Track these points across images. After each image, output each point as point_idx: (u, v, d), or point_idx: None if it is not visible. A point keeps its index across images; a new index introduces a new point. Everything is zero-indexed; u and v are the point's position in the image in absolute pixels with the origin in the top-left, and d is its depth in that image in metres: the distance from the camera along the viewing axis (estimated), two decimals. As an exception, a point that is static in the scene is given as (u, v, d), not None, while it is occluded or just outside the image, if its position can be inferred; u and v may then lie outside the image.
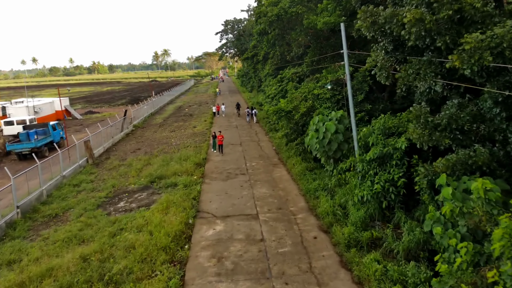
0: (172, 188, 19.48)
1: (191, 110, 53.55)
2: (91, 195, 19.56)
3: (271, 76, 40.79)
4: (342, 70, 21.49)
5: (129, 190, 20.12)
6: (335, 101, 20.54)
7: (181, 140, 31.83)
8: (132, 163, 25.04)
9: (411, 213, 14.41)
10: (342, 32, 15.33)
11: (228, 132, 34.51)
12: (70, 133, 38.41)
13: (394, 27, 10.21)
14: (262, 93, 55.86)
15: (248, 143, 29.64)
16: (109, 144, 31.27)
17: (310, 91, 22.55)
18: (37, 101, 47.01)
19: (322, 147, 17.01)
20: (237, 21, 78.17)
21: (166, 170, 22.29)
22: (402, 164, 14.21)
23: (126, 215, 16.48)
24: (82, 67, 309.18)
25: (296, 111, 21.67)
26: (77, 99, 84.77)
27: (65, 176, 21.87)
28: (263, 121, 37.51)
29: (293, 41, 27.47)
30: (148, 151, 28.80)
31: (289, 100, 23.36)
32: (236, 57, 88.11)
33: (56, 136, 30.89)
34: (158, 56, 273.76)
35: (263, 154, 25.69)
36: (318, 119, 17.50)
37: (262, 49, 44.06)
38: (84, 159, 25.34)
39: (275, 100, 31.02)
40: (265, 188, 18.69)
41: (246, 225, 14.39)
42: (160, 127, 39.93)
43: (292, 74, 30.43)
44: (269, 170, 21.83)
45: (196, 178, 20.80)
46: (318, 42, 25.87)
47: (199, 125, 39.03)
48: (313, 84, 22.79)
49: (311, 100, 21.91)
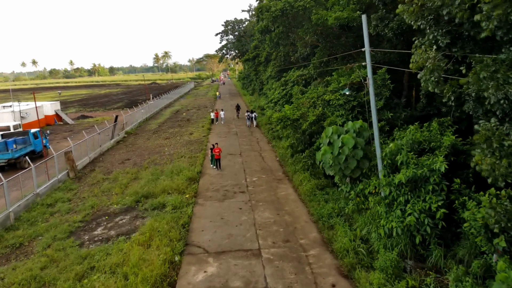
0: (159, 211, 16.63)
1: (189, 114, 50.76)
2: (65, 218, 16.73)
3: (274, 78, 38.03)
4: (357, 72, 18.69)
5: (110, 212, 17.28)
6: (349, 108, 17.72)
7: (175, 149, 29.00)
8: (118, 177, 22.21)
9: (451, 250, 11.57)
10: (364, 26, 12.52)
11: (227, 140, 31.69)
12: (58, 140, 35.71)
13: (457, 11, 7.38)
14: (264, 96, 53.10)
15: (249, 153, 26.80)
16: (96, 154, 28.47)
17: (319, 96, 19.74)
18: (25, 105, 44.28)
19: (337, 164, 14.15)
20: (238, 21, 75.47)
21: (154, 187, 19.46)
22: (441, 190, 11.40)
23: (101, 247, 13.63)
24: (83, 70, 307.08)
25: (304, 120, 18.85)
26: (72, 102, 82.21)
27: (39, 194, 19.04)
28: (265, 127, 34.68)
29: (299, 40, 24.70)
30: (138, 162, 25.98)
31: (295, 106, 20.53)
32: (236, 58, 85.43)
33: (38, 145, 28.09)
34: (159, 58, 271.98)
35: (265, 167, 22.82)
36: (332, 130, 14.64)
37: (264, 50, 41.30)
38: (65, 173, 22.53)
39: (278, 105, 28.22)
40: (269, 212, 15.81)
41: (246, 266, 11.51)
42: (154, 133, 37.13)
43: (297, 77, 27.64)
44: (273, 187, 18.96)
45: (188, 197, 17.96)
46: (328, 41, 23.07)
47: (196, 131, 36.20)
48: (323, 88, 19.97)
49: (321, 106, 19.11)
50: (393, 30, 18.21)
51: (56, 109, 47.53)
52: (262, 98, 54.33)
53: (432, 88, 9.01)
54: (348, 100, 17.75)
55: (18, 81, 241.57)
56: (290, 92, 27.13)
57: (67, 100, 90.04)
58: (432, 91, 9.16)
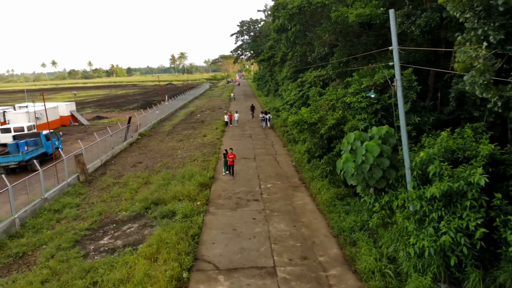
0: (168, 219, 15.75)
1: (203, 116, 50.10)
2: (72, 225, 16.06)
3: (290, 79, 36.88)
4: (380, 73, 17.42)
5: (118, 219, 16.52)
6: (372, 111, 16.46)
7: (188, 152, 28.21)
8: (128, 181, 21.52)
9: (490, 273, 10.27)
10: (392, 22, 11.32)
11: (241, 143, 30.72)
12: (71, 142, 35.50)
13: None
14: (279, 97, 52.01)
15: (263, 157, 25.74)
16: (109, 156, 27.95)
17: (339, 99, 18.53)
18: (40, 106, 44.40)
19: (360, 173, 12.95)
20: (253, 21, 74.54)
21: (165, 193, 18.63)
22: (480, 206, 10.11)
23: (106, 259, 12.82)
24: (101, 70, 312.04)
25: (322, 123, 17.67)
26: (89, 103, 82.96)
27: (47, 198, 18.47)
28: (280, 129, 33.58)
29: (317, 39, 23.51)
30: (150, 165, 25.28)
31: (312, 109, 19.36)
32: (252, 59, 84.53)
33: (51, 147, 27.74)
34: (175, 59, 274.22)
35: (280, 173, 21.72)
36: (355, 136, 13.44)
37: (279, 50, 40.18)
38: (75, 176, 21.98)
39: (294, 108, 27.08)
40: (284, 223, 14.71)
41: (259, 287, 10.45)
42: (167, 135, 36.51)
43: (314, 78, 26.44)
44: (289, 196, 17.85)
45: (200, 205, 17.04)
46: (347, 40, 21.80)
47: (209, 133, 35.37)
48: (342, 89, 18.74)
49: (340, 109, 17.89)
50: (420, 28, 16.89)
51: (71, 110, 47.61)
52: (277, 99, 53.24)
53: (480, 93, 7.75)
54: (371, 103, 16.49)
55: (38, 81, 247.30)
56: (306, 93, 25.96)
57: (85, 101, 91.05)
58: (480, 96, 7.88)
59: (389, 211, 13.05)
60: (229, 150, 21.38)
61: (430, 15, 16.56)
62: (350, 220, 13.76)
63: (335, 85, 23.87)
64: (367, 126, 16.02)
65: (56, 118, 43.70)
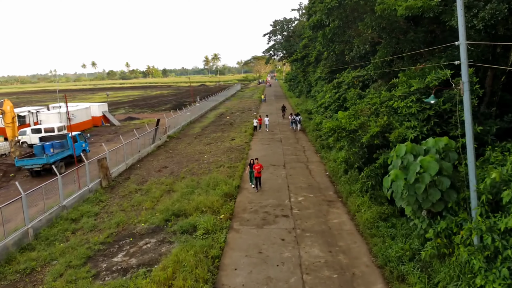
0: (188, 235, 14.26)
1: (232, 118, 48.79)
2: (87, 237, 14.96)
3: (324, 80, 34.63)
4: (433, 74, 15.05)
5: (136, 231, 15.26)
6: (423, 118, 14.12)
7: (215, 157, 26.80)
8: (151, 189, 20.36)
9: None
10: (459, 11, 9.11)
11: (270, 147, 28.92)
12: (101, 143, 35.25)
13: None
14: (311, 99, 49.77)
15: (294, 164, 23.79)
16: (135, 160, 27.10)
17: (383, 102, 16.28)
18: (74, 106, 44.96)
19: (412, 194, 10.77)
20: (287, 21, 72.49)
21: (187, 203, 17.21)
22: None
23: (117, 281, 11.47)
24: (138, 71, 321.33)
25: (364, 131, 15.52)
26: (123, 103, 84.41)
27: (65, 206, 17.59)
28: (312, 134, 31.46)
29: (357, 36, 21.27)
30: (175, 170, 24.09)
31: (351, 113, 17.21)
32: (284, 59, 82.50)
33: (77, 149, 27.25)
34: (209, 60, 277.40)
35: (313, 183, 19.70)
36: (406, 149, 11.25)
37: (314, 49, 37.97)
38: (97, 181, 21.11)
39: (329, 111, 24.92)
40: (318, 247, 12.74)
41: (288, 334, 8.61)
42: (196, 138, 35.40)
43: (352, 78, 24.15)
44: (323, 212, 15.83)
45: (223, 219, 15.42)
46: (393, 37, 19.43)
47: (238, 137, 33.86)
48: (387, 92, 16.46)
49: (385, 115, 15.66)
50: (484, 21, 14.34)
51: (103, 110, 47.90)
52: (310, 101, 50.99)
53: None
54: (423, 109, 14.16)
55: (79, 81, 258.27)
56: (343, 95, 23.75)
57: (120, 101, 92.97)
58: None
59: (447, 239, 10.79)
60: (255, 161, 19.11)
61: (497, 6, 14.00)
62: (397, 248, 11.59)
63: (377, 86, 21.53)
64: (418, 135, 13.75)
65: (88, 118, 44.01)
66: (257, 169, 18.63)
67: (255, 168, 18.66)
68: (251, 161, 19.43)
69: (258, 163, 18.83)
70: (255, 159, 19.29)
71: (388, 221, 13.70)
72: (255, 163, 18.91)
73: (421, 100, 14.50)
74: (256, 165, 18.76)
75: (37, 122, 38.74)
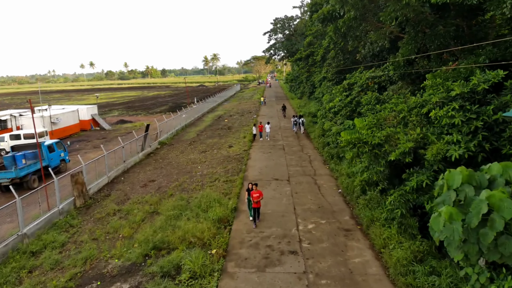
0: (170, 280, 11.21)
1: (231, 121, 45.71)
2: (45, 279, 11.91)
3: (331, 81, 31.54)
4: (479, 75, 12.01)
5: (106, 271, 12.19)
6: (468, 131, 11.06)
7: (210, 168, 23.73)
8: (132, 209, 17.30)
9: None
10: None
11: (272, 156, 25.84)
12: (86, 150, 32.18)
13: None
14: (314, 101, 46.71)
15: (300, 178, 20.71)
16: (119, 171, 24.02)
17: (412, 109, 13.22)
18: (60, 109, 41.88)
19: (474, 242, 7.72)
20: (288, 19, 69.35)
21: (172, 232, 14.15)
22: None
23: None
24: (136, 71, 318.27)
25: (390, 145, 12.45)
26: (118, 105, 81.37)
27: (26, 235, 14.51)
28: (318, 140, 28.42)
29: (374, 30, 18.18)
30: (163, 185, 21.03)
31: (372, 122, 14.13)
32: (285, 59, 79.36)
33: (54, 159, 24.23)
34: (208, 61, 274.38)
35: (324, 204, 16.62)
36: (462, 178, 8.18)
37: (320, 47, 34.81)
38: (70, 200, 18.05)
39: (340, 117, 21.82)
40: (339, 303, 9.67)
41: None
42: (190, 144, 32.31)
43: (366, 80, 21.08)
44: (340, 246, 12.74)
45: (215, 256, 12.33)
46: (418, 31, 16.40)
47: (236, 143, 30.77)
48: (418, 97, 13.37)
49: (417, 124, 12.62)
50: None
51: (92, 113, 44.76)
52: (313, 103, 47.92)
53: None
54: (468, 118, 11.10)
55: (76, 82, 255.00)
56: (356, 99, 20.68)
57: (115, 102, 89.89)
58: None
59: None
60: (254, 187, 15.05)
61: None
62: (446, 310, 8.53)
63: (396, 89, 18.47)
64: (463, 153, 10.68)
65: (75, 122, 40.90)
66: (256, 197, 14.65)
67: (253, 197, 14.68)
68: (249, 185, 15.43)
69: (257, 190, 14.90)
70: (254, 185, 15.18)
71: (425, 263, 10.64)
72: (253, 190, 14.94)
73: (465, 107, 11.46)
74: (255, 193, 14.75)
75: (19, 127, 35.65)
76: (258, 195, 14.69)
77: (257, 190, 14.88)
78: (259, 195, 14.73)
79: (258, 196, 14.68)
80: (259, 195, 14.71)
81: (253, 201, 14.62)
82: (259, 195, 14.70)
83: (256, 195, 14.64)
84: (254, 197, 14.59)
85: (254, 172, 22.12)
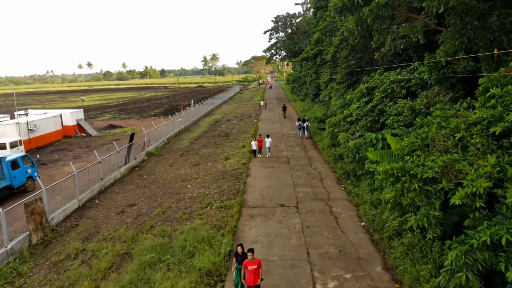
0: None
1: (229, 126, 41.97)
2: None
3: (342, 83, 27.78)
4: None
5: None
6: None
7: (201, 188, 20.00)
8: (99, 250, 13.58)
9: None
10: None
11: (275, 173, 22.08)
12: (64, 161, 28.43)
13: None
14: (320, 104, 43.02)
15: (311, 204, 16.95)
16: (94, 192, 20.26)
17: (470, 125, 9.52)
18: (42, 113, 38.13)
19: None
20: (290, 16, 65.59)
21: (144, 292, 10.43)
22: None
23: None
24: (135, 72, 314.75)
25: (449, 181, 8.73)
26: (112, 107, 77.65)
27: None
28: (328, 151, 24.74)
29: (404, 21, 14.50)
30: (144, 211, 17.31)
31: (416, 144, 10.38)
32: (287, 59, 75.63)
33: (19, 177, 20.51)
34: (208, 61, 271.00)
35: (346, 246, 12.85)
36: None
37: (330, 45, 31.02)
38: (24, 236, 14.33)
39: (358, 127, 18.07)
40: None
41: None
42: (182, 155, 28.57)
43: (391, 83, 17.35)
44: (376, 321, 9.01)
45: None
46: (464, 23, 12.71)
47: (234, 155, 27.01)
48: (481, 110, 9.66)
49: (482, 150, 8.93)
50: None
51: (77, 118, 41.00)
52: (317, 106, 44.24)
53: None
54: None
55: (74, 82, 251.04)
56: (379, 107, 16.97)
57: (109, 104, 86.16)
58: None
59: None
60: (249, 255, 9.58)
61: None
62: None
63: (431, 95, 14.76)
64: None
65: (57, 129, 37.10)
66: (252, 271, 9.33)
67: (248, 270, 9.38)
68: (239, 249, 10.09)
69: (253, 258, 9.54)
70: (248, 251, 9.68)
71: None
72: (248, 257, 9.56)
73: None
74: (249, 263, 9.41)
75: (-11, 135, 31.86)
76: (257, 267, 9.41)
77: (254, 258, 9.57)
78: (258, 266, 9.46)
79: (255, 269, 9.36)
80: (257, 267, 9.43)
81: (248, 275, 9.36)
82: (258, 267, 9.43)
83: (252, 268, 9.33)
84: (250, 271, 9.32)
85: (255, 195, 18.38)
